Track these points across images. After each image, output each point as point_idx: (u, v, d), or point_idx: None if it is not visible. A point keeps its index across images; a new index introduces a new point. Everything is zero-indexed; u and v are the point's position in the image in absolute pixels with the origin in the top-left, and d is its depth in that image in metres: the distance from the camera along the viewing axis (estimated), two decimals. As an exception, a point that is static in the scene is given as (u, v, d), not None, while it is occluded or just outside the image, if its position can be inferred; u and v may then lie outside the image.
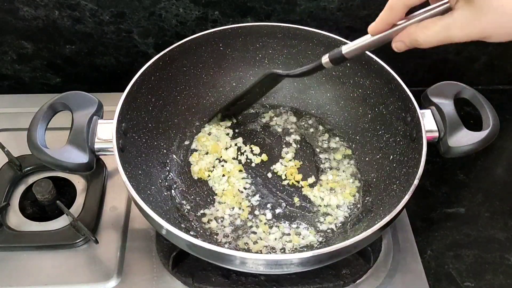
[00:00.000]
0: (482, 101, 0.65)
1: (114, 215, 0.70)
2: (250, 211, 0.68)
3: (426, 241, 0.70)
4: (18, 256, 0.65)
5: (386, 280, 0.64)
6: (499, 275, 0.67)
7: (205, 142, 0.76)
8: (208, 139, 0.76)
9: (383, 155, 0.70)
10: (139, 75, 0.66)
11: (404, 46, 0.49)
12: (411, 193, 0.55)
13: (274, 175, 0.73)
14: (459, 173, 0.80)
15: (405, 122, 0.66)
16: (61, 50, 0.85)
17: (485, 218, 0.73)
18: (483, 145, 0.61)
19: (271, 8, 0.81)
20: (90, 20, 0.81)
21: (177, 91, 0.75)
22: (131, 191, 0.55)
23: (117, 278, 0.63)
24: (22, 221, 0.68)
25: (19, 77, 0.90)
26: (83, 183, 0.73)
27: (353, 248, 0.55)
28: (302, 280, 0.62)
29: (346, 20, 0.84)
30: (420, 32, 0.47)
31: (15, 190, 0.72)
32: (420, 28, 0.47)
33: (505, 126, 0.70)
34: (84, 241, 0.66)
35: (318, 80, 0.79)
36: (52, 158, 0.57)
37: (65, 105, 0.63)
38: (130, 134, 0.65)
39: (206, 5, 0.80)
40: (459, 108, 0.64)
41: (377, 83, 0.71)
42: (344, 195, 0.70)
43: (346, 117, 0.78)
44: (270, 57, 0.79)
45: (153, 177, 0.68)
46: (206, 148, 0.75)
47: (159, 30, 0.83)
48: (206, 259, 0.56)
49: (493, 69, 0.94)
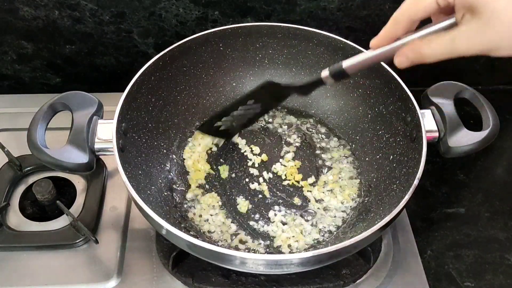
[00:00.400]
0: (482, 101, 0.65)
1: (114, 215, 0.70)
2: (251, 211, 0.68)
3: (426, 241, 0.70)
4: (18, 256, 0.65)
5: (386, 280, 0.64)
6: (499, 275, 0.67)
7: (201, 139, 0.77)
8: (203, 137, 0.77)
9: (383, 155, 0.70)
10: (139, 75, 0.66)
11: (407, 61, 0.48)
12: (411, 193, 0.55)
13: (274, 175, 0.73)
14: (459, 173, 0.80)
15: (405, 122, 0.66)
16: (61, 50, 0.85)
17: (485, 218, 0.73)
18: (483, 145, 0.61)
19: (271, 8, 0.81)
20: (90, 20, 0.81)
21: (177, 91, 0.75)
22: (131, 191, 0.55)
23: (117, 278, 0.63)
24: (22, 221, 0.68)
25: (19, 77, 0.90)
26: (83, 183, 0.73)
27: (353, 248, 0.55)
28: (302, 280, 0.62)
29: (346, 20, 0.84)
30: (424, 45, 0.46)
31: (15, 190, 0.72)
32: (425, 42, 0.46)
33: (505, 126, 0.70)
34: (84, 241, 0.66)
35: (318, 80, 0.79)
36: (52, 158, 0.57)
37: (65, 105, 0.63)
38: (130, 134, 0.65)
39: (206, 5, 0.80)
40: (459, 108, 0.64)
41: (377, 83, 0.71)
42: (344, 195, 0.70)
43: (346, 117, 0.78)
44: (270, 57, 0.79)
45: (153, 177, 0.68)
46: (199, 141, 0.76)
47: (159, 30, 0.83)
48: (206, 259, 0.56)
49: (493, 69, 0.94)
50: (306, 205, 0.69)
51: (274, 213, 0.68)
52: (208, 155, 0.75)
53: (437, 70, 0.79)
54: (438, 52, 0.45)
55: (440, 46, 0.45)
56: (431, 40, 0.46)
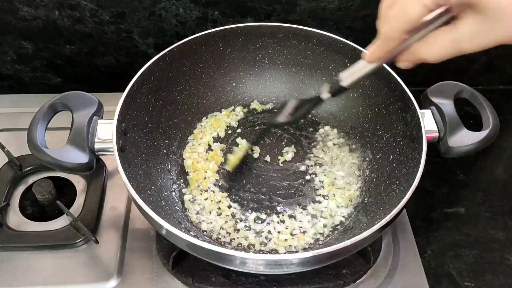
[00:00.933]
0: (482, 101, 0.65)
1: (114, 215, 0.70)
2: (251, 211, 0.68)
3: (426, 241, 0.70)
4: (18, 256, 0.65)
5: (386, 280, 0.64)
6: (499, 275, 0.67)
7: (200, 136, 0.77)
8: (205, 133, 0.77)
9: (383, 155, 0.70)
10: (139, 75, 0.66)
11: (411, 64, 0.47)
12: (411, 193, 0.55)
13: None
14: (459, 173, 0.80)
15: (405, 122, 0.66)
16: (61, 50, 0.86)
17: (485, 218, 0.73)
18: (483, 145, 0.61)
19: (271, 8, 0.81)
20: (90, 20, 0.81)
21: (177, 91, 0.75)
22: (131, 191, 0.55)
23: (117, 278, 0.63)
24: (22, 221, 0.68)
25: (19, 77, 0.90)
26: (83, 183, 0.73)
27: (353, 248, 0.55)
28: (302, 280, 0.62)
29: (346, 20, 0.84)
30: (425, 49, 0.44)
31: (15, 190, 0.72)
32: (425, 46, 0.44)
33: (505, 126, 0.70)
34: (84, 241, 0.66)
35: (317, 81, 0.79)
36: (52, 158, 0.57)
37: (65, 105, 0.63)
38: (130, 134, 0.65)
39: (206, 5, 0.80)
40: (459, 108, 0.64)
41: (377, 83, 0.71)
42: (344, 195, 0.70)
43: (346, 117, 0.78)
44: (270, 57, 0.79)
45: (153, 177, 0.68)
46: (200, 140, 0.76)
47: (159, 30, 0.83)
48: (206, 259, 0.56)
49: (493, 69, 0.94)
50: (306, 205, 0.69)
51: (275, 212, 0.68)
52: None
53: (437, 70, 0.79)
54: (441, 55, 0.44)
55: (442, 48, 0.44)
56: (432, 44, 0.44)
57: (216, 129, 0.78)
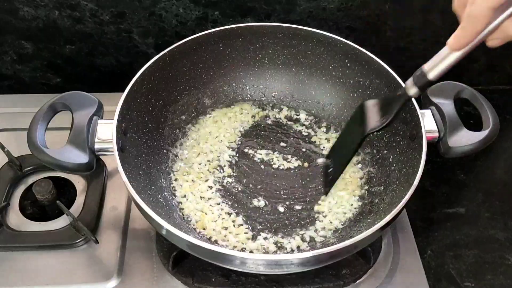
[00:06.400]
0: (482, 101, 0.65)
1: (114, 215, 0.70)
2: (251, 211, 0.68)
3: (426, 241, 0.70)
4: (18, 256, 0.65)
5: (386, 280, 0.64)
6: (499, 275, 0.67)
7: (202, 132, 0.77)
8: (205, 134, 0.77)
9: (383, 155, 0.70)
10: (139, 75, 0.66)
11: (500, 42, 0.44)
12: (411, 193, 0.55)
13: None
14: (459, 173, 0.80)
15: (405, 122, 0.66)
16: (61, 50, 0.86)
17: (485, 218, 0.73)
18: (483, 145, 0.61)
19: (271, 8, 0.81)
20: (90, 20, 0.81)
21: (177, 91, 0.75)
22: (131, 191, 0.55)
23: (117, 278, 0.63)
24: (22, 221, 0.68)
25: (19, 77, 0.90)
26: (83, 183, 0.73)
27: (353, 248, 0.55)
28: (302, 280, 0.62)
29: (346, 20, 0.84)
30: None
31: (15, 190, 0.72)
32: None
33: (505, 126, 0.70)
34: (84, 241, 0.66)
35: (318, 80, 0.79)
36: (52, 158, 0.57)
37: (65, 105, 0.63)
38: (130, 134, 0.65)
39: (206, 5, 0.80)
40: (459, 108, 0.64)
41: (377, 83, 0.71)
42: (344, 195, 0.70)
43: (346, 117, 0.78)
44: (270, 57, 0.79)
45: (153, 177, 0.68)
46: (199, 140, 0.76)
47: (159, 30, 0.83)
48: (206, 259, 0.56)
49: (493, 69, 0.94)
50: (306, 205, 0.69)
51: (276, 213, 0.68)
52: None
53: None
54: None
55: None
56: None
57: (216, 129, 0.78)
